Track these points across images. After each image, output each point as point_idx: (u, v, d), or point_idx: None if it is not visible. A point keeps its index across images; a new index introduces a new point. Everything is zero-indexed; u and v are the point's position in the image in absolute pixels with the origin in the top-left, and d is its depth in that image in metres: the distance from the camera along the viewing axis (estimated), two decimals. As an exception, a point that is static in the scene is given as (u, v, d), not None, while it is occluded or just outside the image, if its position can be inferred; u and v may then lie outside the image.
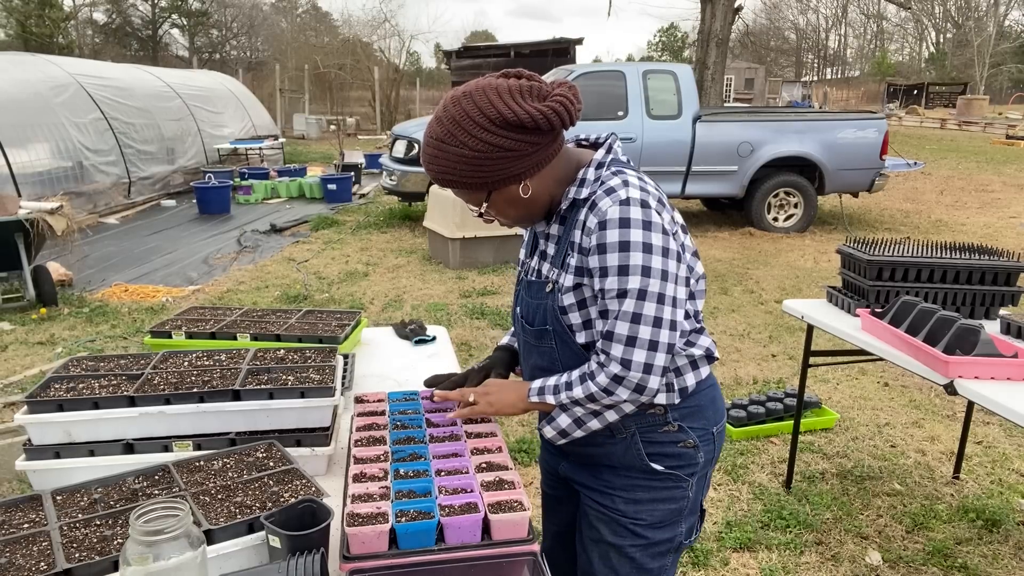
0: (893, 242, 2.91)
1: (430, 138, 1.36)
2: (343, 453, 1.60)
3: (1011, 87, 46.71)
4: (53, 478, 1.48)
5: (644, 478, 1.50)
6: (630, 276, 1.32)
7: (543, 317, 1.48)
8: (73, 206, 6.40)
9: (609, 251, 1.33)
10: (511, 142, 1.32)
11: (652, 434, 1.48)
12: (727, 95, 34.15)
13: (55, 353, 4.91)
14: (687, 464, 1.51)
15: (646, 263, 1.31)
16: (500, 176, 1.35)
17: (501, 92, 1.32)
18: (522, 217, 1.47)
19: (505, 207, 1.42)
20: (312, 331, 2.14)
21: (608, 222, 1.33)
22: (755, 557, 2.86)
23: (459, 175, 1.35)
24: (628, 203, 1.33)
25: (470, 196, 1.43)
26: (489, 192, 1.39)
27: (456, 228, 7.03)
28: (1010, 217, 10.14)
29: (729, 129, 8.86)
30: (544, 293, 1.47)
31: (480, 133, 1.31)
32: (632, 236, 1.32)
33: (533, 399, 1.48)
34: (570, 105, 1.34)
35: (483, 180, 1.35)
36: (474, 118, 1.31)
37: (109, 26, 42.03)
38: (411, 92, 31.27)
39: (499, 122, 1.30)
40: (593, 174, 1.41)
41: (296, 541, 1.14)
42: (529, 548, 1.23)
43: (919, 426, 4.02)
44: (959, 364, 2.21)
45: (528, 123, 1.30)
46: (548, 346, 1.50)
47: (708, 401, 1.53)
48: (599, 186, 1.39)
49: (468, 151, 1.32)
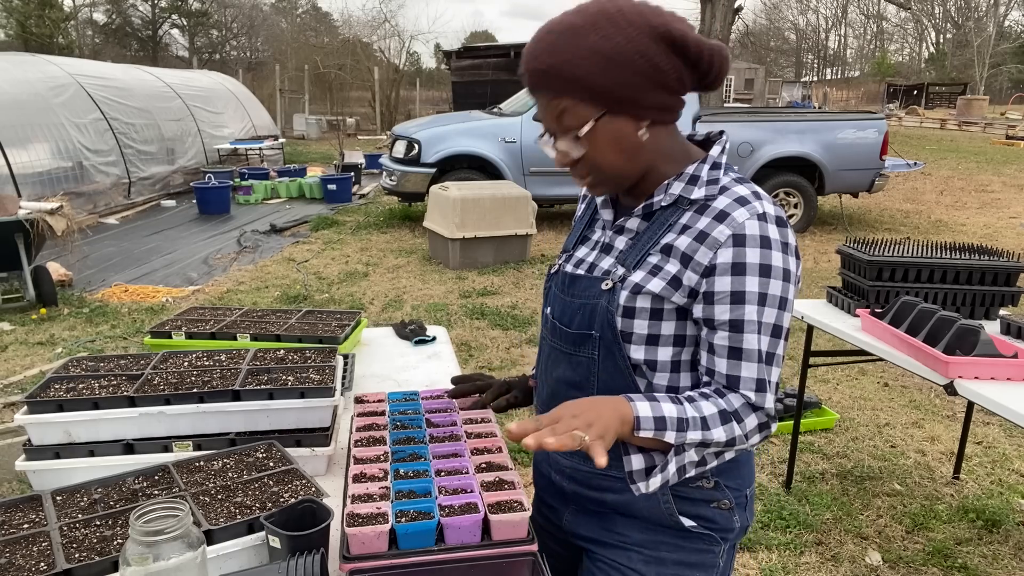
0: (893, 242, 2.92)
1: (557, 25, 1.11)
2: (343, 453, 1.60)
3: (1011, 87, 46.71)
4: (53, 478, 1.48)
5: (670, 535, 1.28)
6: (766, 308, 1.14)
7: (588, 319, 1.23)
8: (73, 206, 6.40)
9: (748, 273, 1.13)
10: (663, 60, 1.10)
11: (684, 488, 1.26)
12: (727, 95, 34.15)
13: (55, 353, 4.91)
14: (720, 529, 1.29)
15: (784, 293, 1.14)
16: (629, 95, 1.11)
17: (662, 9, 1.12)
18: (616, 169, 1.18)
19: (606, 145, 1.15)
20: (312, 331, 2.14)
21: (748, 239, 1.12)
22: (755, 557, 2.86)
23: (584, 70, 1.09)
24: (765, 219, 1.14)
25: (575, 108, 1.12)
26: (603, 113, 1.12)
27: (456, 228, 7.03)
28: (1010, 217, 10.14)
29: (729, 129, 8.76)
30: (598, 291, 1.22)
31: (634, 32, 1.08)
32: (773, 260, 1.13)
33: (645, 434, 1.09)
34: (724, 60, 1.14)
35: (608, 90, 1.10)
36: (631, 17, 1.09)
37: (109, 26, 42.05)
38: (411, 92, 31.29)
39: (662, 31, 1.09)
40: (708, 174, 1.20)
41: (296, 541, 1.14)
42: (529, 548, 1.23)
43: (919, 426, 4.02)
44: (959, 364, 2.21)
45: (693, 48, 1.10)
46: (587, 356, 1.24)
47: (746, 457, 1.33)
48: (719, 190, 1.18)
49: (610, 45, 1.08)
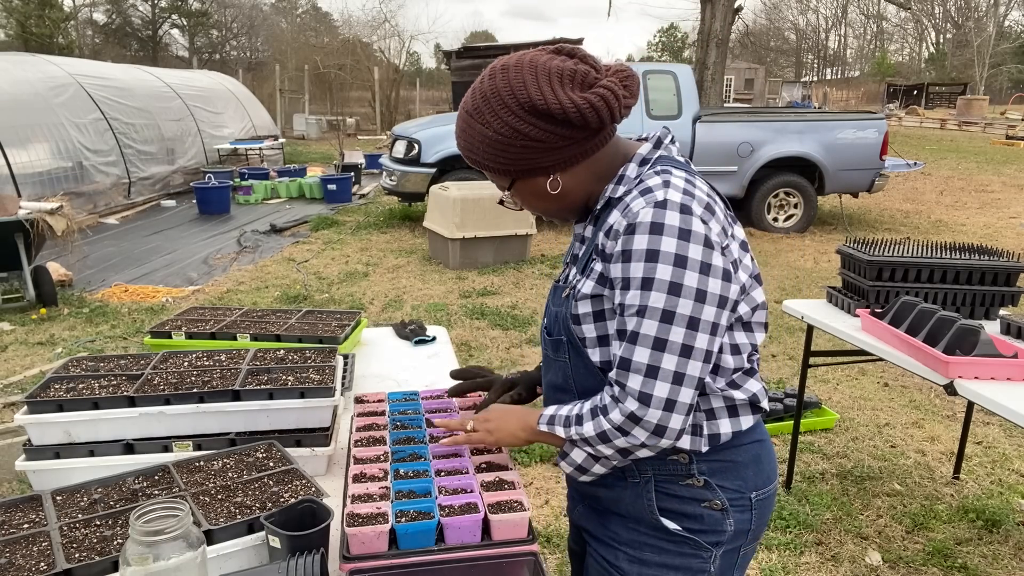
0: (893, 242, 2.92)
1: (462, 109, 1.24)
2: (343, 453, 1.60)
3: (1011, 87, 46.72)
4: (53, 478, 1.48)
5: (654, 535, 1.28)
6: (653, 292, 1.12)
7: (561, 326, 1.31)
8: (73, 206, 6.40)
9: (634, 259, 1.14)
10: (538, 131, 1.17)
11: (671, 484, 1.26)
12: (727, 95, 34.16)
13: (55, 353, 4.91)
14: (710, 530, 1.26)
15: (676, 279, 1.12)
16: (524, 166, 1.22)
17: (540, 73, 1.17)
18: (551, 212, 1.32)
19: (531, 198, 1.29)
20: (312, 331, 2.14)
21: (638, 226, 1.14)
22: (755, 557, 2.86)
23: (481, 156, 1.23)
24: (665, 206, 1.13)
25: (494, 179, 1.30)
26: (513, 180, 1.26)
27: (456, 228, 7.02)
28: (1010, 217, 10.14)
29: (729, 129, 8.86)
30: (561, 299, 1.31)
31: (506, 115, 1.17)
32: (663, 245, 1.12)
33: (542, 428, 1.29)
34: (613, 100, 1.17)
35: (505, 167, 1.23)
36: (503, 97, 1.18)
37: (109, 26, 42.05)
38: (411, 92, 31.31)
39: (528, 107, 1.16)
40: (635, 171, 1.25)
41: (296, 541, 1.14)
42: (529, 548, 1.23)
43: (919, 426, 4.02)
44: (959, 364, 2.21)
45: (558, 114, 1.15)
46: (563, 359, 1.33)
47: (750, 459, 1.29)
48: (637, 184, 1.21)
49: (492, 132, 1.19)
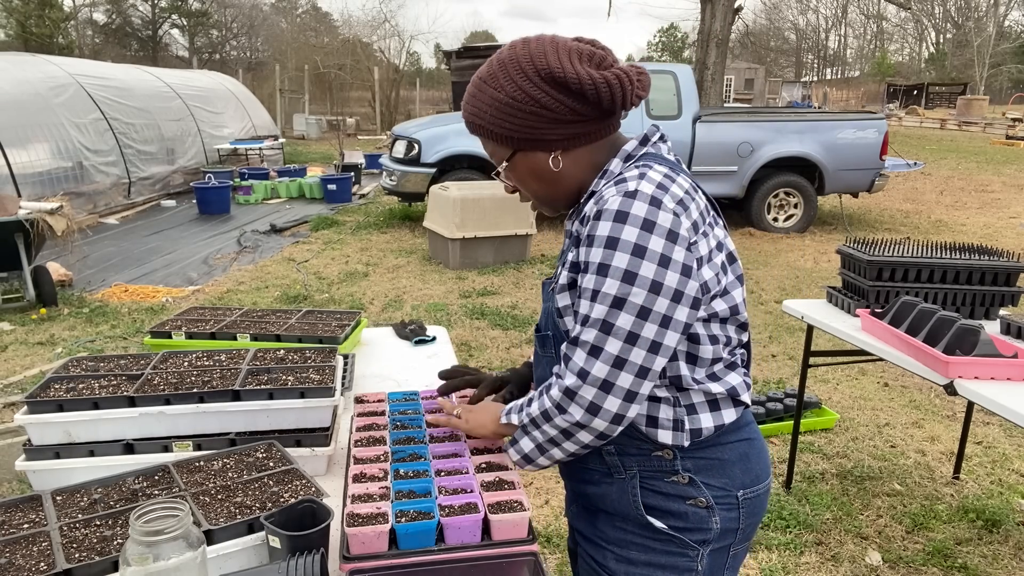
0: (893, 242, 2.92)
1: (476, 77, 1.26)
2: (343, 453, 1.59)
3: (1011, 87, 46.72)
4: (53, 478, 1.48)
5: (640, 534, 1.29)
6: (608, 279, 1.14)
7: (548, 322, 1.34)
8: (73, 206, 6.40)
9: (595, 244, 1.16)
10: (551, 100, 1.19)
11: (656, 481, 1.27)
12: (727, 95, 34.15)
13: (55, 353, 4.91)
14: (695, 528, 1.27)
15: (632, 268, 1.12)
16: (529, 135, 1.23)
17: (559, 47, 1.20)
18: (542, 195, 1.32)
19: (526, 176, 1.29)
20: (312, 331, 2.14)
21: (603, 212, 1.16)
22: (755, 557, 2.86)
23: (487, 120, 1.24)
24: (634, 196, 1.15)
25: (494, 149, 1.29)
26: (514, 151, 1.26)
27: (456, 228, 7.02)
28: (1010, 217, 10.14)
29: (729, 129, 8.86)
30: (549, 294, 1.34)
31: (521, 80, 1.19)
32: (624, 234, 1.13)
33: (503, 419, 1.34)
34: (627, 83, 1.18)
35: (510, 133, 1.23)
36: (521, 63, 1.20)
37: (109, 26, 42.02)
38: (411, 92, 31.30)
39: (544, 74, 1.18)
40: (618, 166, 1.26)
41: (296, 541, 1.14)
42: (529, 548, 1.23)
43: (919, 426, 4.02)
44: (959, 364, 2.21)
45: (574, 84, 1.17)
46: (550, 355, 1.34)
47: (736, 457, 1.29)
48: (615, 177, 1.23)
49: (503, 95, 1.21)
